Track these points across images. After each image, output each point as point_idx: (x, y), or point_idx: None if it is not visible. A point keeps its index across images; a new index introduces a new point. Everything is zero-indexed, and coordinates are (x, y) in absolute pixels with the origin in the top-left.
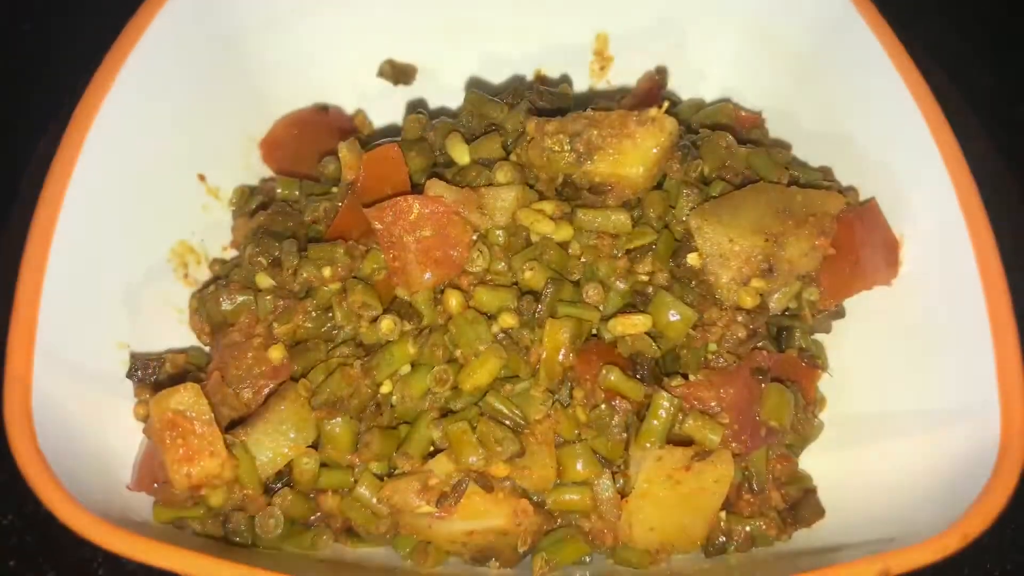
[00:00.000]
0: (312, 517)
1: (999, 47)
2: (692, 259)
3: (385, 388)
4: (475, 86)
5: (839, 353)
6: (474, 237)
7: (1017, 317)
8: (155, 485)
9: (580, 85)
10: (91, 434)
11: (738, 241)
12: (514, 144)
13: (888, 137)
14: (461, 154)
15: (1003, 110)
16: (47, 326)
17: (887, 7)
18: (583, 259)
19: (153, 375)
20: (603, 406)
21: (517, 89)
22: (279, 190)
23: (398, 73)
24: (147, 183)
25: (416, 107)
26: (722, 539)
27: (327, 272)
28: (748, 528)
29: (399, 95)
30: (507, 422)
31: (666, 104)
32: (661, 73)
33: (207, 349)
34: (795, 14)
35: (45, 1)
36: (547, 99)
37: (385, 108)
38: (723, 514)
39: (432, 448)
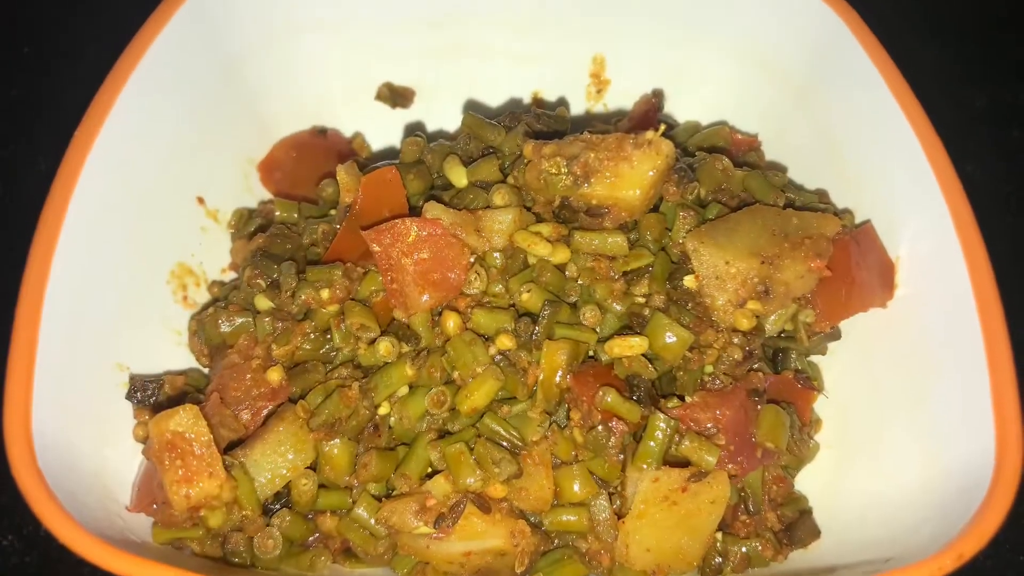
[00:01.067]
0: (310, 538)
1: (994, 70)
2: (688, 281)
3: (383, 409)
4: (472, 109)
5: (835, 375)
6: (471, 259)
7: (1012, 339)
8: (154, 506)
9: (577, 108)
10: (90, 455)
11: (734, 263)
12: (511, 167)
13: (884, 160)
14: (459, 177)
15: (998, 133)
16: (47, 347)
17: (883, 30)
18: (580, 281)
19: (152, 396)
20: (600, 427)
21: (514, 112)
22: (278, 212)
23: (396, 96)
24: (146, 205)
25: (414, 130)
26: (718, 560)
27: (325, 294)
28: (744, 549)
29: (397, 118)
30: (504, 443)
31: (662, 127)
32: (657, 96)
33: (206, 371)
34: (791, 37)
35: (45, 24)
36: (544, 122)
37: (383, 131)
38: (719, 535)
39: (430, 469)
